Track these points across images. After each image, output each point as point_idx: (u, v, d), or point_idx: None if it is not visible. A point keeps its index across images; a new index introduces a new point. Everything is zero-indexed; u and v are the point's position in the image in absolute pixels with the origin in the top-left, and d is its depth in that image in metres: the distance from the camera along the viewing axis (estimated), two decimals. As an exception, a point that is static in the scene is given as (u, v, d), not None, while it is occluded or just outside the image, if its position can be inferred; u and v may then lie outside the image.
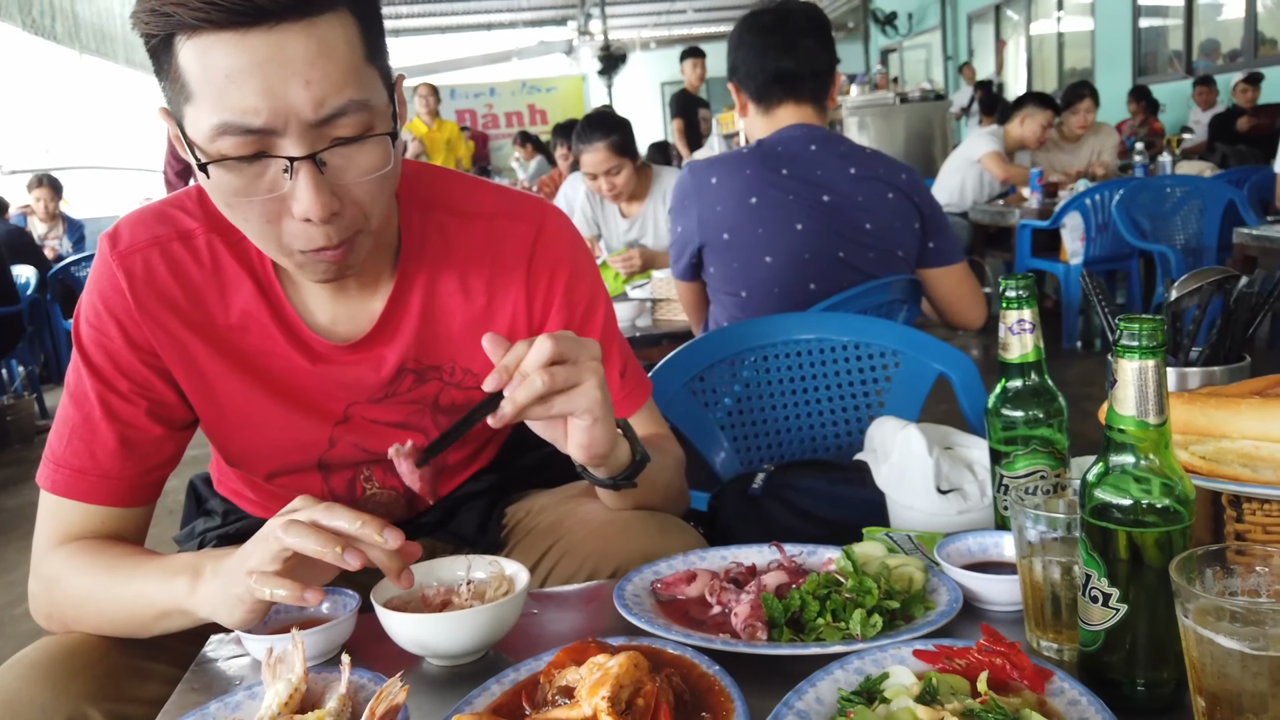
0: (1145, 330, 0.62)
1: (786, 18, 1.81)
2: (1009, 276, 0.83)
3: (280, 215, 0.82)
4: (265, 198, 0.81)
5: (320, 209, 0.80)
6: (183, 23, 0.75)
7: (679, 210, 1.85)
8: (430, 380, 1.02)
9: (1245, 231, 3.06)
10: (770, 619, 0.76)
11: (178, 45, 0.77)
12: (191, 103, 0.78)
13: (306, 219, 0.81)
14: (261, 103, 0.76)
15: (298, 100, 0.77)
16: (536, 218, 1.03)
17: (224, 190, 0.81)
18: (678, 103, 7.28)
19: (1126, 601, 0.64)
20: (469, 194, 1.03)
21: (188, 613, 0.85)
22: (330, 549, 0.74)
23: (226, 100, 0.76)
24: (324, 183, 0.80)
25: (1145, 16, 9.48)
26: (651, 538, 0.97)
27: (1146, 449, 0.64)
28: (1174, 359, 0.97)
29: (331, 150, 0.80)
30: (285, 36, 0.76)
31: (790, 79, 1.81)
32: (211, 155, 0.79)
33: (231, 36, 0.75)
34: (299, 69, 0.76)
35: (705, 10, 15.20)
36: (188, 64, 0.77)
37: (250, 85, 0.75)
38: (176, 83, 0.79)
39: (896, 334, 1.58)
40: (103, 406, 0.94)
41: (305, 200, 0.80)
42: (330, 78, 0.78)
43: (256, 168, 0.80)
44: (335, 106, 0.78)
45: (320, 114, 0.78)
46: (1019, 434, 0.85)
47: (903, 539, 0.93)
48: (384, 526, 0.75)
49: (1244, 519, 0.72)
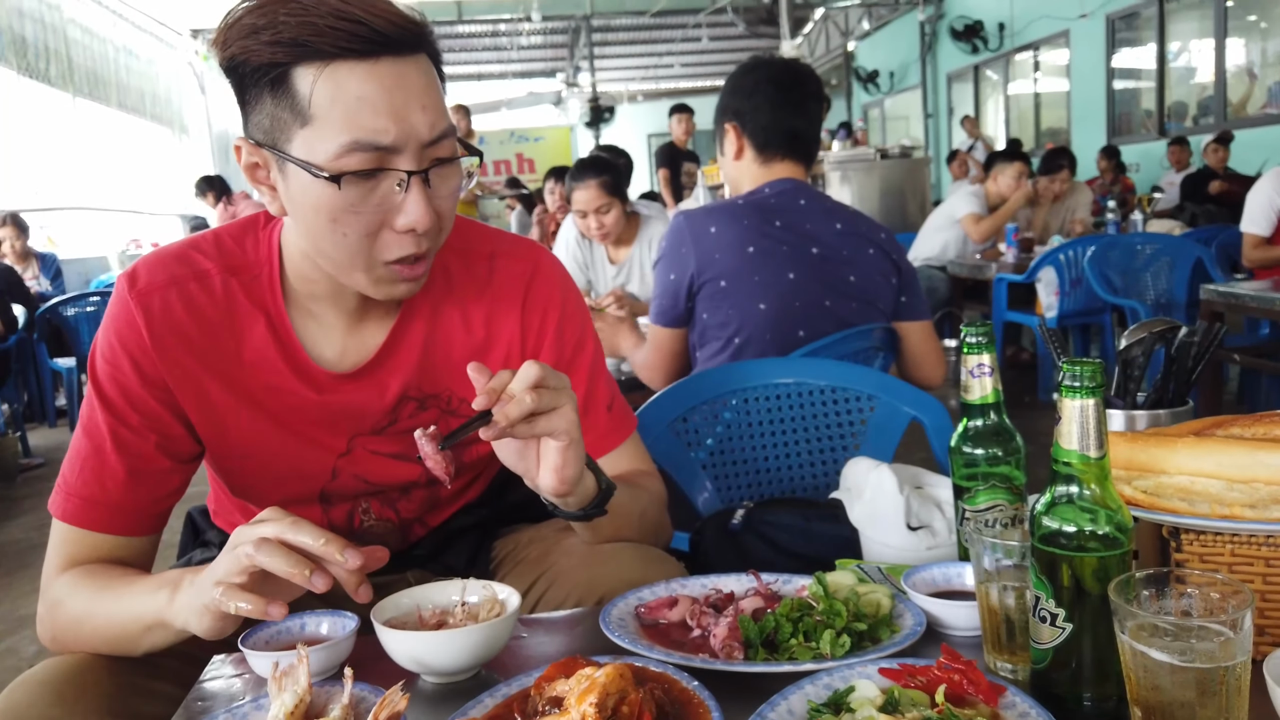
0: (1085, 372, 0.68)
1: (802, 79, 1.91)
2: (968, 324, 0.89)
3: (381, 228, 0.91)
4: (374, 211, 0.89)
5: (428, 219, 0.90)
6: (319, 52, 0.84)
7: (672, 257, 1.90)
8: (430, 408, 1.08)
9: (1212, 288, 3.16)
10: (747, 639, 0.81)
11: (299, 73, 0.85)
12: (310, 125, 0.86)
13: (411, 229, 0.90)
14: (390, 124, 0.86)
15: (417, 122, 0.88)
16: (532, 258, 1.11)
17: (340, 203, 0.88)
18: (664, 154, 7.45)
19: (1072, 621, 0.70)
20: (470, 234, 1.10)
21: (167, 624, 0.88)
22: (300, 570, 0.78)
23: (358, 120, 0.85)
24: (430, 197, 0.90)
25: (1119, 79, 9.80)
26: (636, 567, 1.02)
27: (1089, 480, 0.70)
28: (1123, 402, 1.04)
29: (434, 169, 0.90)
30: (405, 68, 0.87)
31: (797, 138, 1.90)
32: (334, 172, 0.86)
33: (364, 65, 0.85)
34: (417, 95, 0.88)
35: (692, 65, 15.56)
36: (314, 90, 0.85)
37: (381, 107, 0.86)
38: (292, 109, 0.86)
39: (873, 379, 1.65)
40: (113, 439, 0.98)
41: (417, 212, 0.89)
42: (437, 105, 0.90)
43: (372, 183, 0.88)
44: (441, 130, 0.90)
45: (432, 135, 0.89)
46: (980, 470, 0.92)
47: (873, 570, 0.98)
48: (345, 546, 0.79)
49: (1182, 549, 0.78)
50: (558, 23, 13.00)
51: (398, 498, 1.12)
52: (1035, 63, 11.35)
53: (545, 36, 13.82)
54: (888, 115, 15.33)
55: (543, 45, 14.42)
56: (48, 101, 8.20)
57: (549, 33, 13.57)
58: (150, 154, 10.57)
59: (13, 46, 7.52)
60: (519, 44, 13.73)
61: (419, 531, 1.17)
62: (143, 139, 10.46)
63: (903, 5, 13.20)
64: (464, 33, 13.22)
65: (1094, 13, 9.77)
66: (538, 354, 1.10)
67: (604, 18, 13.17)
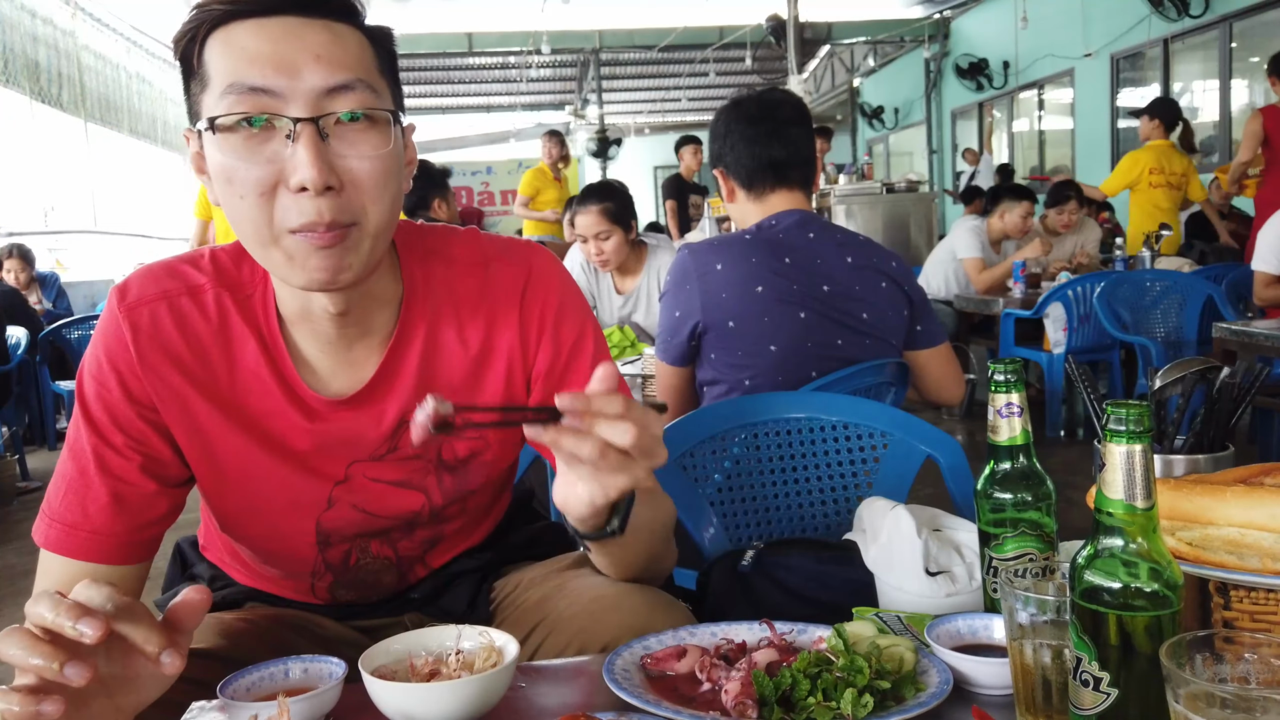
0: (1132, 415, 0.63)
1: (774, 107, 1.87)
2: (997, 360, 0.85)
3: (275, 189, 0.84)
4: (265, 166, 0.83)
5: (318, 175, 0.82)
6: (215, 15, 0.83)
7: (676, 293, 1.85)
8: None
9: (1224, 326, 3.11)
10: (761, 697, 0.76)
11: (207, 44, 0.84)
12: (208, 89, 0.84)
13: (303, 187, 0.83)
14: (270, 67, 0.82)
15: (307, 69, 0.83)
16: (526, 259, 1.05)
17: (226, 155, 0.84)
18: (671, 186, 7.46)
19: (1117, 686, 0.64)
20: (464, 243, 1.05)
21: None
22: (47, 664, 0.64)
23: (239, 66, 0.83)
24: (323, 151, 0.83)
25: (1124, 118, 9.83)
26: (640, 614, 0.96)
27: (1134, 533, 0.65)
28: (1159, 447, 0.99)
29: (335, 125, 0.85)
30: (302, 25, 0.84)
31: (781, 167, 1.85)
32: (213, 118, 0.83)
33: (254, 21, 0.84)
34: (310, 46, 0.84)
35: (699, 99, 15.66)
36: (211, 54, 0.84)
37: (265, 55, 0.83)
38: (199, 79, 0.85)
39: (886, 415, 1.60)
40: (97, 461, 0.94)
41: (303, 164, 0.82)
42: (339, 58, 0.85)
43: (261, 135, 0.83)
44: (342, 79, 0.84)
45: (327, 83, 0.84)
46: (1008, 516, 0.86)
47: (892, 619, 0.93)
48: (81, 615, 0.65)
49: (1231, 606, 0.73)
50: (567, 55, 13.12)
51: (399, 537, 1.07)
52: (1040, 100, 11.40)
53: (554, 69, 13.93)
54: (892, 151, 15.40)
55: (552, 78, 14.55)
56: (60, 126, 8.26)
57: (558, 65, 13.69)
58: (160, 179, 10.63)
59: (26, 72, 7.59)
60: (528, 76, 13.84)
61: (420, 573, 1.12)
62: (153, 164, 10.53)
63: (908, 43, 13.31)
64: (474, 64, 13.36)
65: (1099, 52, 9.82)
66: (536, 355, 1.04)
67: (613, 51, 13.30)
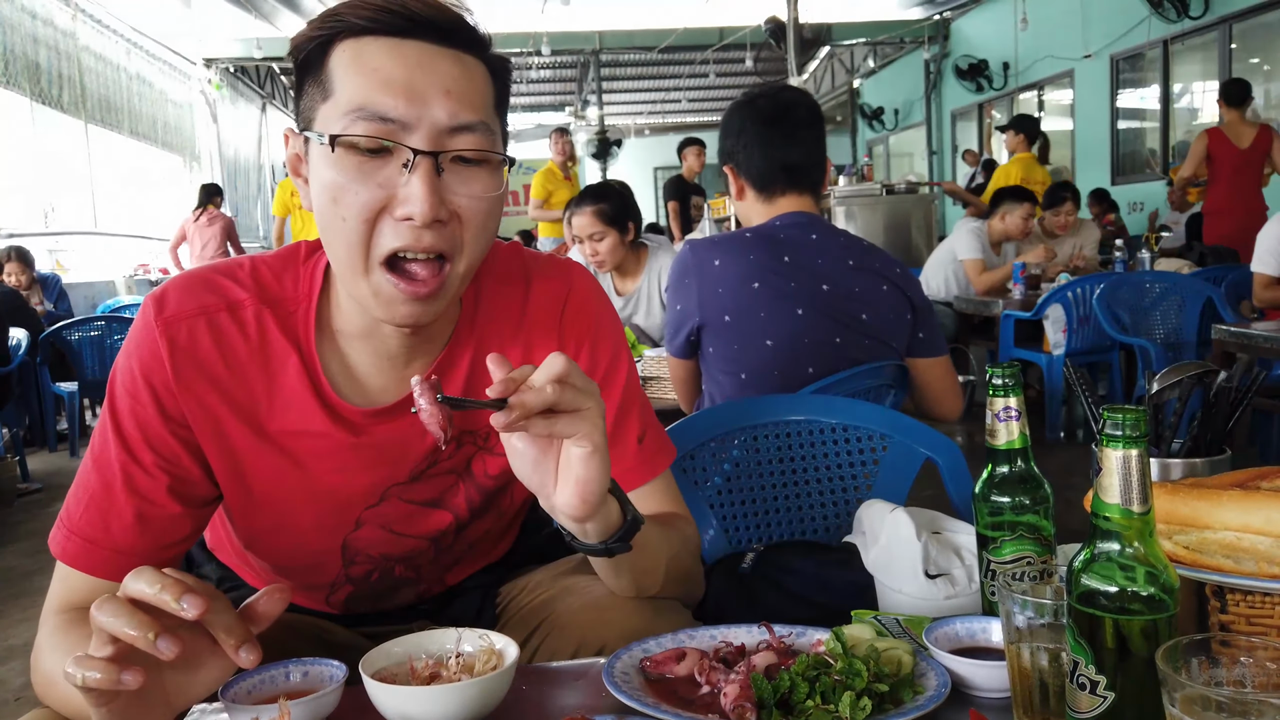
0: (1129, 420, 0.64)
1: (790, 108, 1.86)
2: (995, 365, 0.85)
3: (380, 215, 0.84)
4: (375, 191, 0.83)
5: (429, 211, 0.82)
6: (351, 27, 0.83)
7: (678, 287, 1.87)
8: (465, 444, 1.01)
9: (1224, 328, 3.12)
10: (759, 700, 0.76)
11: (334, 50, 0.84)
12: (330, 99, 0.84)
13: (409, 217, 0.83)
14: (402, 97, 0.82)
15: (435, 103, 0.83)
16: (566, 277, 1.05)
17: (339, 173, 0.83)
18: (673, 187, 7.46)
19: (1114, 689, 0.65)
20: (507, 258, 1.05)
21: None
22: (141, 633, 0.65)
23: (369, 89, 0.82)
24: (437, 186, 0.83)
25: (1123, 119, 9.84)
26: (641, 616, 0.96)
27: (1131, 537, 0.65)
28: (1156, 450, 0.99)
29: (453, 162, 0.85)
30: (435, 54, 0.84)
31: (794, 171, 1.85)
32: (334, 136, 0.82)
33: (390, 41, 0.83)
34: (442, 79, 0.84)
35: (699, 100, 15.68)
36: (339, 63, 0.83)
37: (397, 80, 0.82)
38: (321, 86, 0.84)
39: (885, 418, 1.60)
40: (124, 477, 0.90)
41: (416, 197, 0.82)
42: (468, 96, 0.85)
43: (377, 161, 0.83)
44: (467, 120, 0.84)
45: (452, 121, 0.84)
46: (1006, 520, 0.87)
47: (891, 622, 0.93)
48: (184, 592, 0.66)
49: (1228, 610, 0.73)
50: (567, 57, 13.12)
51: (424, 563, 1.07)
52: (1039, 102, 11.40)
53: (554, 70, 13.95)
54: (892, 152, 15.40)
55: (552, 79, 14.57)
56: (60, 128, 8.26)
57: (558, 67, 13.70)
58: (161, 181, 10.64)
59: (27, 73, 7.60)
60: (529, 77, 13.86)
61: (437, 589, 1.12)
62: (153, 166, 10.53)
63: (908, 44, 13.31)
64: (474, 65, 13.33)
65: (1098, 53, 9.83)
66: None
67: (613, 53, 13.30)
